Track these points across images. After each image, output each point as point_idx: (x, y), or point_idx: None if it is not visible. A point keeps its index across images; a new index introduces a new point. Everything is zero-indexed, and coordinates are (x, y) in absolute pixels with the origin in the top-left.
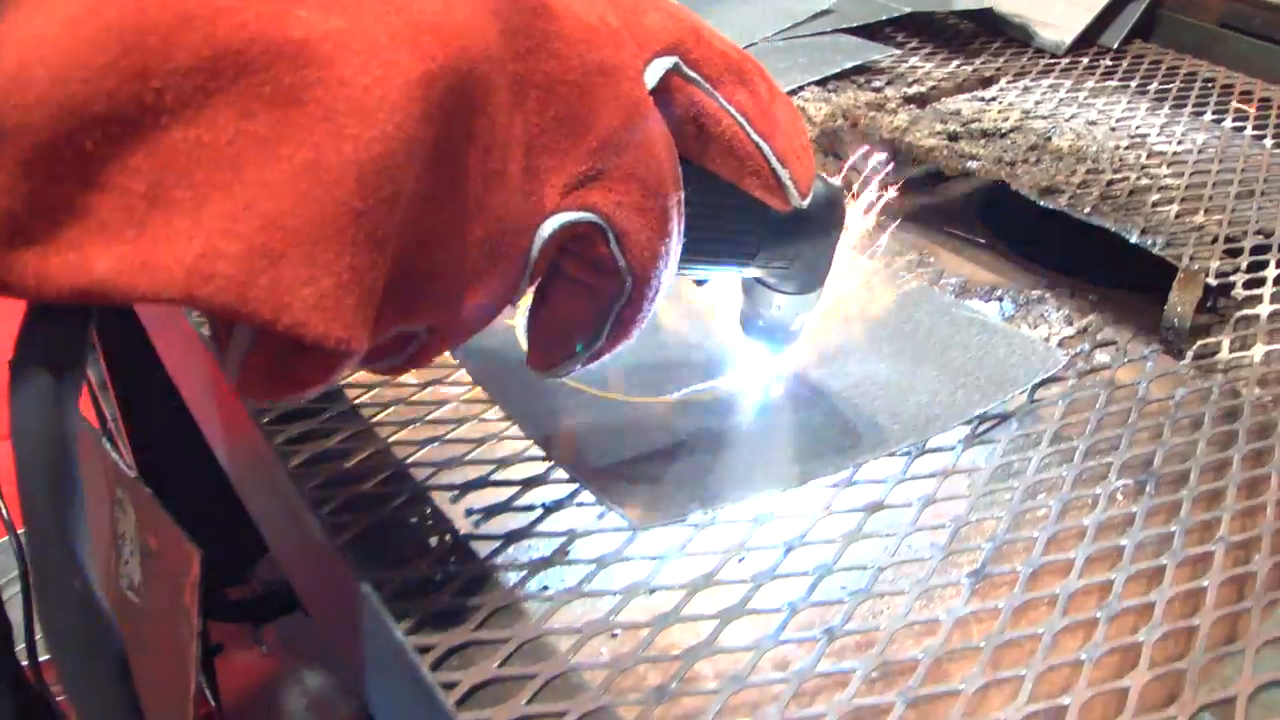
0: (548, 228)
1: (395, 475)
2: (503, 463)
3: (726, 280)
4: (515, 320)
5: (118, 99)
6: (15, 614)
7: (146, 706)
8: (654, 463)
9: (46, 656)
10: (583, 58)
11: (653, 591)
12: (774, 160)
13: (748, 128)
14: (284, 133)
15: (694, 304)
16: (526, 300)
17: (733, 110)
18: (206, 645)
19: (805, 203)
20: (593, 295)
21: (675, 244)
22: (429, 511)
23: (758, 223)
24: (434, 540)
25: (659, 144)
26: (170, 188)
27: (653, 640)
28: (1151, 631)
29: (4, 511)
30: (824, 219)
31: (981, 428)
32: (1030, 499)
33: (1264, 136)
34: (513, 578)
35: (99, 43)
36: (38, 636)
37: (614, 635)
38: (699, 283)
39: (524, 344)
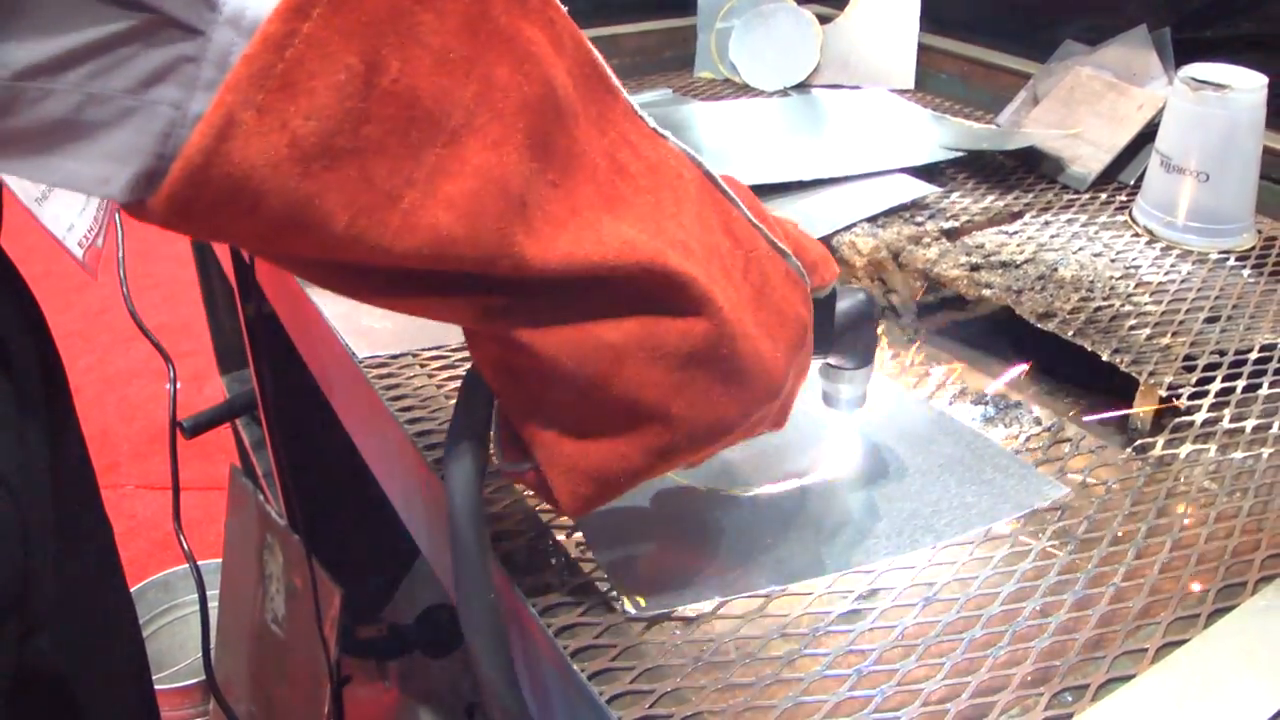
0: None
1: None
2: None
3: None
4: None
5: None
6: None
7: None
8: (678, 551)
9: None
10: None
11: None
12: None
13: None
14: None
15: None
16: None
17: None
18: (337, 676)
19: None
20: None
21: None
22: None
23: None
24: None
25: None
26: None
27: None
28: (1042, 640)
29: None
30: (869, 315)
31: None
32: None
33: (1244, 266)
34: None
35: None
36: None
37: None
38: None
39: None
